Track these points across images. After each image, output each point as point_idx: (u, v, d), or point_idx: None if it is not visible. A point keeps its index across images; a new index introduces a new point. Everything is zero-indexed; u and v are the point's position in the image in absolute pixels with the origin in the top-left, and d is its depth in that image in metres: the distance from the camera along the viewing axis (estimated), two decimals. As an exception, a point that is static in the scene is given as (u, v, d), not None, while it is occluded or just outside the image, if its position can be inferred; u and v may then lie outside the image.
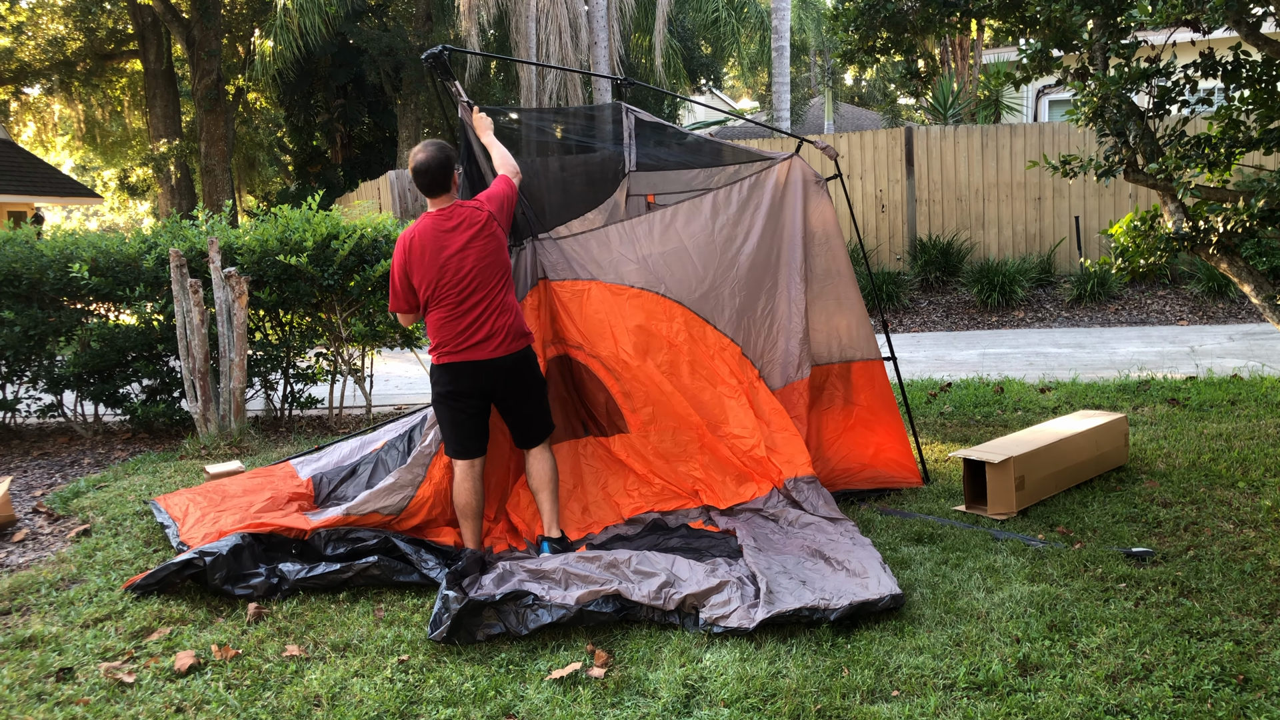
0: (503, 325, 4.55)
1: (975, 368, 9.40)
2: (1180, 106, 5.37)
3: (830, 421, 5.66)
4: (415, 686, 3.53)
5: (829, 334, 5.62)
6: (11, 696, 3.59)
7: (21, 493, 6.54)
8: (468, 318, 4.50)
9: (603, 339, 5.29)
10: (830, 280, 5.60)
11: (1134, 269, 5.80)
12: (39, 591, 4.60)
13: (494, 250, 4.55)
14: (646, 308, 5.33)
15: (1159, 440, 6.19)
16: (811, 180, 5.59)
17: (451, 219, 4.50)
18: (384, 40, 22.77)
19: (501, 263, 4.59)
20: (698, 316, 5.40)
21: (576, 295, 5.29)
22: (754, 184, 5.55)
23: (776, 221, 5.58)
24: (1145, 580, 4.07)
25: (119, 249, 7.74)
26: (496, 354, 4.54)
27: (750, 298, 5.52)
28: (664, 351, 5.33)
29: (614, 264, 5.34)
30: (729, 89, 44.77)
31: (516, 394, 4.68)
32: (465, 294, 4.48)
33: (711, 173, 5.64)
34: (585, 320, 5.29)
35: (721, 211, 5.51)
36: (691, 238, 5.45)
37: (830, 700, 3.28)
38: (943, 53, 19.50)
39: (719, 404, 5.33)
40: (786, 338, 5.55)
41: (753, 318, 5.52)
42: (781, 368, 5.54)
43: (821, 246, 5.60)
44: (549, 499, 4.73)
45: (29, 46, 27.19)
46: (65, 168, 33.57)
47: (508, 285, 4.63)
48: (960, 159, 13.56)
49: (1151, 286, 12.54)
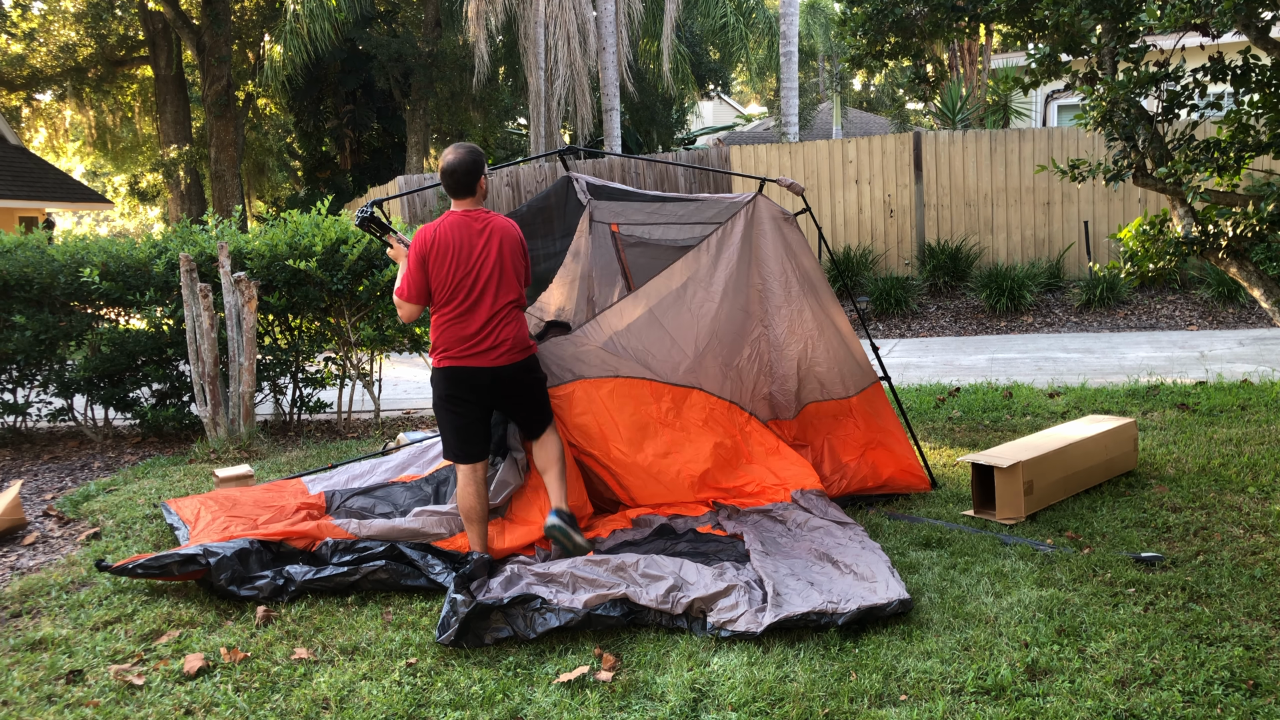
0: (509, 335, 4.54)
1: (984, 373, 9.38)
2: (1189, 111, 5.36)
3: (848, 446, 5.57)
4: (423, 689, 3.54)
5: (837, 369, 5.52)
6: (22, 698, 3.60)
7: (32, 496, 6.57)
8: (476, 322, 4.48)
9: (594, 440, 5.21)
10: (818, 316, 5.48)
11: (1143, 274, 5.79)
12: (49, 594, 4.63)
13: (514, 260, 4.56)
14: (634, 394, 5.25)
15: (1168, 445, 6.17)
16: (779, 218, 5.44)
17: (479, 221, 4.50)
18: (393, 46, 22.84)
19: (519, 275, 4.59)
20: (684, 387, 5.35)
21: (561, 401, 5.17)
22: (721, 236, 5.39)
23: (750, 268, 5.45)
24: (1154, 585, 4.06)
25: (129, 254, 7.78)
26: (499, 363, 4.52)
27: (734, 348, 5.48)
28: (661, 435, 5.27)
29: (594, 358, 5.24)
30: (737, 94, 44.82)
31: (515, 399, 4.69)
32: (479, 296, 4.47)
33: (677, 205, 5.59)
34: (574, 424, 5.19)
35: (690, 275, 5.36)
36: (665, 312, 5.33)
37: (838, 704, 3.27)
38: (951, 58, 19.50)
39: (721, 466, 5.31)
40: (773, 379, 5.56)
41: (739, 366, 5.50)
42: (770, 405, 5.59)
43: (804, 283, 5.46)
44: (556, 477, 4.73)
45: (41, 53, 27.34)
46: (76, 173, 33.73)
47: (521, 298, 4.62)
48: (969, 164, 13.55)
49: (1161, 291, 12.51)
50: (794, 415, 5.60)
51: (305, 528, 4.79)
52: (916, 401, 7.94)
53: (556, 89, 19.50)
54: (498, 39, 22.24)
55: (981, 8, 6.73)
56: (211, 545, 4.52)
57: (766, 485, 5.25)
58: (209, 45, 23.05)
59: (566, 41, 19.35)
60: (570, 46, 19.40)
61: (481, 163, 4.51)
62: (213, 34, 22.80)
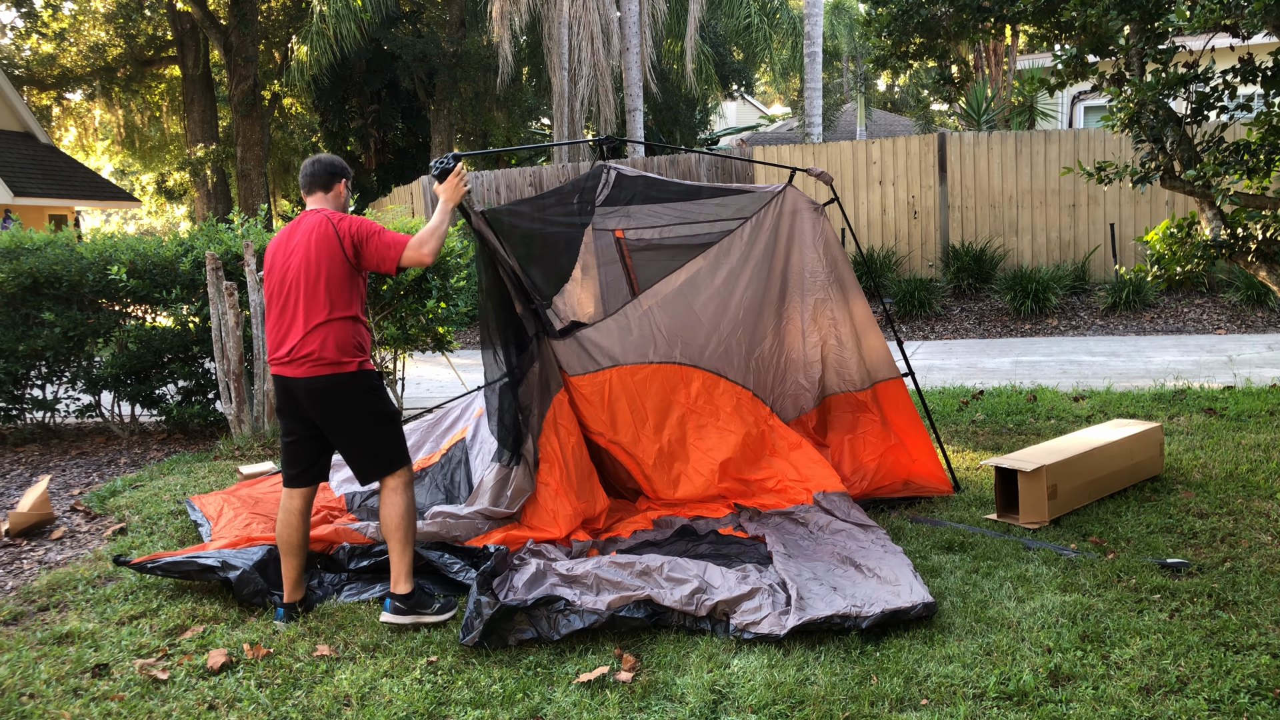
0: (304, 347, 4.03)
1: (1008, 375, 9.32)
2: (1219, 112, 5.30)
3: (868, 444, 5.57)
4: (444, 688, 3.55)
5: (857, 360, 5.57)
6: (49, 691, 3.64)
7: (60, 491, 6.64)
8: (278, 327, 4.12)
9: (624, 425, 5.35)
10: (844, 308, 5.53)
11: (1170, 277, 5.74)
12: (76, 588, 4.68)
13: (324, 262, 4.05)
14: (664, 378, 5.41)
15: (1195, 450, 6.11)
16: (808, 209, 5.50)
17: (302, 221, 4.17)
18: (418, 46, 22.95)
19: (328, 278, 4.06)
20: (712, 374, 5.49)
21: (599, 387, 5.33)
22: (754, 226, 5.49)
23: (780, 259, 5.54)
24: (1180, 592, 4.02)
25: (156, 252, 7.85)
26: (296, 374, 4.07)
27: (758, 338, 5.57)
28: (689, 420, 5.42)
29: (632, 345, 5.39)
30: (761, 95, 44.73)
31: (324, 422, 4.14)
32: (282, 300, 4.11)
33: (692, 205, 5.54)
34: (609, 409, 5.33)
35: (723, 265, 5.48)
36: (698, 297, 5.46)
37: (859, 708, 3.26)
38: (977, 58, 19.39)
39: (742, 454, 5.38)
40: (796, 371, 5.61)
41: (761, 357, 5.58)
42: (794, 400, 5.62)
43: (831, 274, 5.51)
44: (394, 547, 4.15)
45: (71, 53, 27.68)
46: (105, 172, 34.11)
47: (330, 306, 4.06)
48: (994, 165, 13.46)
49: (1188, 294, 12.38)
50: (815, 405, 5.62)
51: (322, 531, 4.81)
52: (940, 404, 7.90)
53: (580, 89, 19.53)
54: (521, 39, 22.29)
55: (1008, 8, 6.69)
56: (230, 556, 4.52)
57: (788, 481, 5.25)
58: (236, 45, 23.25)
59: (590, 42, 19.37)
60: (594, 47, 19.42)
61: (336, 168, 4.24)
62: (240, 34, 22.99)
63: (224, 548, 4.71)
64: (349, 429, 4.12)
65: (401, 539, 4.10)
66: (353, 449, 4.15)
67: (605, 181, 5.38)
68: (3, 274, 7.61)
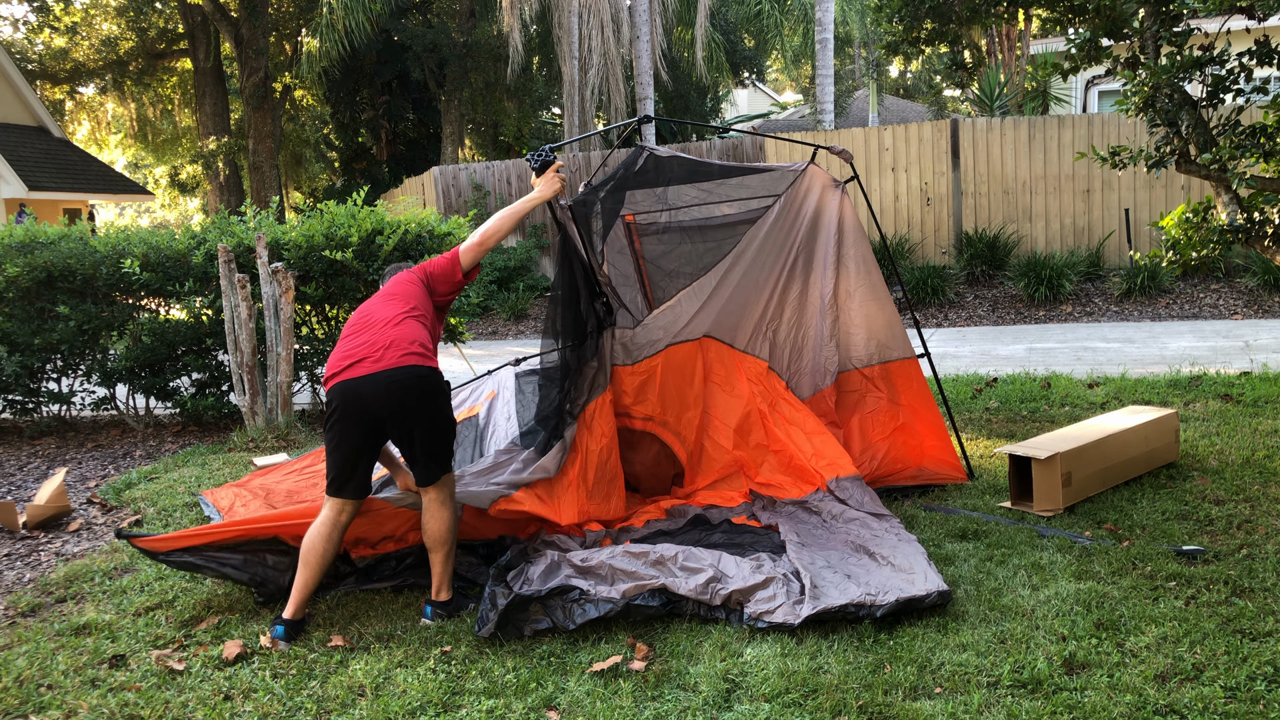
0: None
1: (1022, 363, 9.28)
2: (1235, 95, 5.24)
3: (878, 423, 5.63)
4: (458, 677, 3.57)
5: (868, 336, 5.62)
6: (66, 682, 3.67)
7: (76, 483, 6.69)
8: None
9: (671, 404, 5.46)
10: (861, 284, 5.58)
11: (1186, 262, 5.69)
12: (93, 580, 4.71)
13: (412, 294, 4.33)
14: (699, 354, 5.52)
15: (1211, 437, 6.07)
16: (829, 185, 5.57)
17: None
18: (428, 37, 22.94)
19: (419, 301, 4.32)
20: (730, 347, 5.58)
21: (651, 370, 5.42)
22: (783, 204, 5.54)
23: (802, 235, 5.59)
24: (1196, 579, 4.00)
25: (169, 245, 7.88)
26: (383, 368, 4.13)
27: (777, 312, 5.63)
28: (713, 391, 5.53)
29: (681, 326, 5.49)
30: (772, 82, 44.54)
31: (408, 417, 4.17)
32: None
33: (723, 186, 5.53)
34: (659, 390, 5.43)
35: (754, 243, 5.53)
36: (733, 275, 5.53)
37: (872, 697, 3.25)
38: (989, 43, 19.25)
39: (754, 423, 5.46)
40: (815, 349, 5.63)
41: (778, 330, 5.64)
42: (811, 377, 5.64)
43: (849, 250, 5.57)
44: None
45: (83, 47, 27.78)
46: (118, 165, 34.24)
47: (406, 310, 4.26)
48: (1007, 151, 13.38)
49: (1204, 280, 12.29)
50: (832, 381, 5.63)
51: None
52: (953, 391, 7.86)
53: (590, 78, 19.49)
54: (532, 29, 22.26)
55: (1020, -8, 6.63)
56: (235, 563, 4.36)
57: (803, 456, 5.27)
58: (247, 38, 23.28)
59: (600, 30, 19.32)
60: (604, 35, 19.37)
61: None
62: (250, 26, 23.01)
63: (233, 535, 4.39)
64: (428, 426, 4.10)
65: (447, 550, 4.12)
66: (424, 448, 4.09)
67: (639, 160, 5.37)
68: (17, 268, 7.65)
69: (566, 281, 5.12)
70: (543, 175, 4.58)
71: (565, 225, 5.06)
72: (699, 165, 5.43)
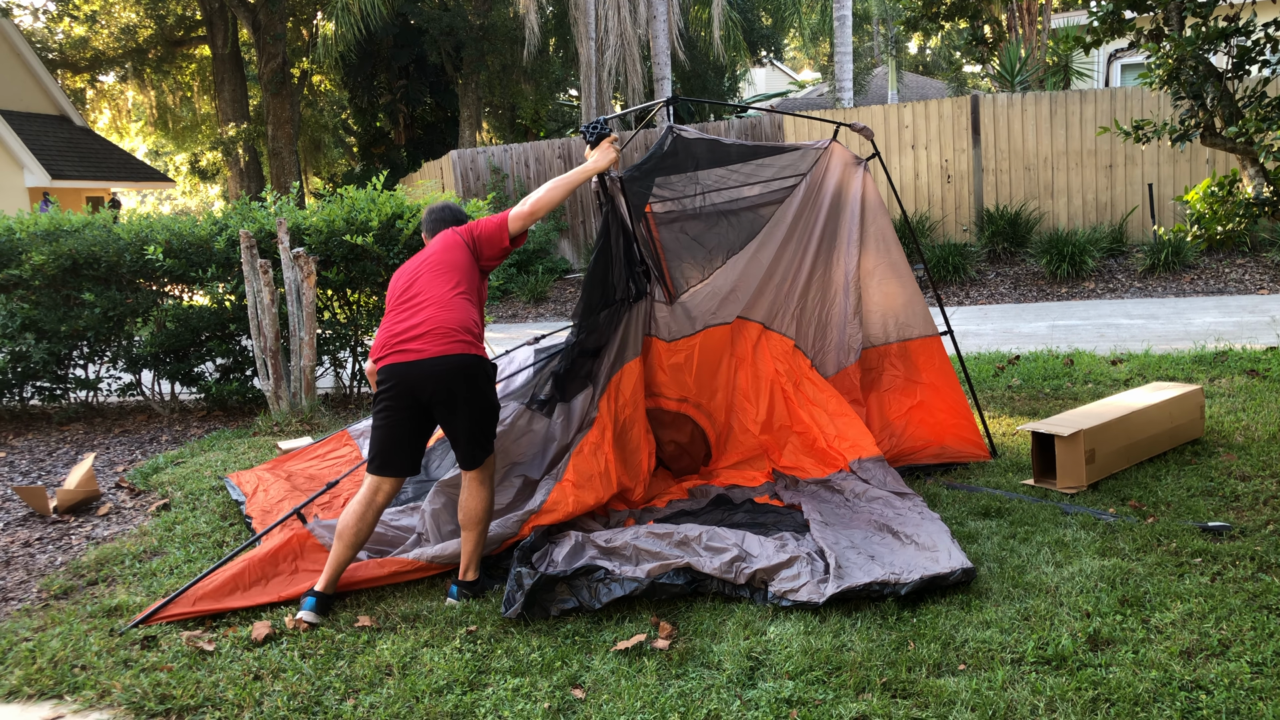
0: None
1: (1044, 340, 9.22)
2: (1261, 67, 5.17)
3: (895, 401, 5.63)
4: (484, 657, 3.60)
5: (885, 314, 5.60)
6: (100, 663, 3.73)
7: (104, 468, 6.77)
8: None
9: (704, 386, 5.48)
10: (881, 261, 5.57)
11: (1211, 236, 5.63)
12: (123, 563, 4.78)
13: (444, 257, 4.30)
14: (732, 334, 5.52)
15: (1237, 413, 6.02)
16: (851, 163, 5.57)
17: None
18: (444, 20, 22.90)
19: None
20: (760, 325, 5.57)
21: (690, 350, 5.43)
22: (809, 182, 5.53)
23: (826, 213, 5.58)
24: (1222, 555, 3.98)
25: (191, 231, 7.93)
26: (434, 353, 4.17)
27: (804, 290, 5.62)
28: (740, 370, 5.54)
29: (717, 308, 5.48)
30: (790, 60, 44.23)
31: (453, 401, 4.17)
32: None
33: (739, 166, 5.49)
34: (695, 372, 5.44)
35: (783, 221, 5.53)
36: (764, 254, 5.52)
37: (895, 674, 3.26)
38: (1009, 18, 19.02)
39: (779, 404, 5.47)
40: (839, 327, 5.62)
41: (804, 308, 5.62)
42: (835, 354, 5.63)
43: (870, 227, 5.57)
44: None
45: (103, 35, 27.90)
46: (139, 153, 34.44)
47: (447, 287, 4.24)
48: (1028, 127, 13.25)
49: (1230, 255, 12.15)
50: (856, 359, 5.62)
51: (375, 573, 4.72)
52: (975, 370, 7.83)
53: (607, 59, 19.40)
54: (548, 10, 22.18)
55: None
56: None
57: (825, 438, 5.28)
58: (264, 23, 23.31)
59: (616, 10, 19.22)
60: (620, 15, 19.27)
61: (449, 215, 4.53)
62: (267, 12, 23.04)
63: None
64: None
65: (480, 530, 4.15)
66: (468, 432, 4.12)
67: (664, 140, 5.32)
68: (43, 256, 7.72)
69: (602, 250, 5.05)
70: (598, 146, 4.62)
71: (615, 197, 5.05)
72: (727, 146, 5.41)
